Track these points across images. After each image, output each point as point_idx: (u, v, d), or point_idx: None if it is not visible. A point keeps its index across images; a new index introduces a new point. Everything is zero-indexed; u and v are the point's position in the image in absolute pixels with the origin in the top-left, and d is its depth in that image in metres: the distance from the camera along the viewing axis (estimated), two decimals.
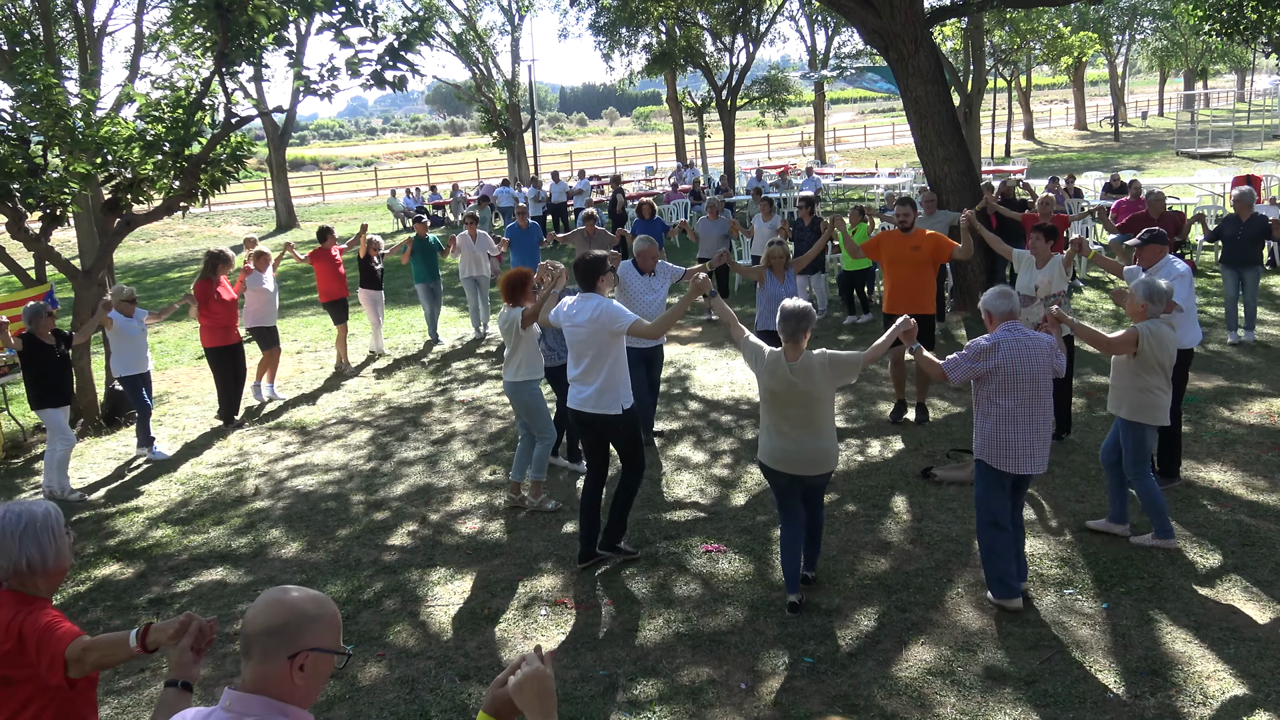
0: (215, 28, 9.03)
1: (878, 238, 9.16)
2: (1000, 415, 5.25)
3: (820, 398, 5.20)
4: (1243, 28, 15.35)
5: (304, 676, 2.00)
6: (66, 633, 2.83)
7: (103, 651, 2.80)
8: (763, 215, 13.24)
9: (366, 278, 12.27)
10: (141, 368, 8.98)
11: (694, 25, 31.35)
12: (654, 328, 5.91)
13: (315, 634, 2.01)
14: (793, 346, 5.22)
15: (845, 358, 5.22)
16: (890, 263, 8.69)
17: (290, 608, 2.01)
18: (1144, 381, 5.86)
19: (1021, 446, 5.25)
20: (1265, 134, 38.11)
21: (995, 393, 5.26)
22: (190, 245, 29.86)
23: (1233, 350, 10.30)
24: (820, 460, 5.30)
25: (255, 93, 28.40)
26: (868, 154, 44.88)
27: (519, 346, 6.98)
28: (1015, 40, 32.25)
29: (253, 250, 10.78)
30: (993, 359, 5.23)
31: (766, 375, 5.28)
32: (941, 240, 8.57)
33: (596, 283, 6.04)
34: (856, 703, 4.61)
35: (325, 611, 2.05)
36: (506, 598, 5.89)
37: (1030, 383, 5.22)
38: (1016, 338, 5.25)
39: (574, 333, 6.02)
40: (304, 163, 57.36)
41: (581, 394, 6.03)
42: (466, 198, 29.59)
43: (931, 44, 12.25)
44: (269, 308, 10.57)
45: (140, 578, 6.52)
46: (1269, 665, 4.71)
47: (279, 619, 1.99)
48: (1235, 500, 6.65)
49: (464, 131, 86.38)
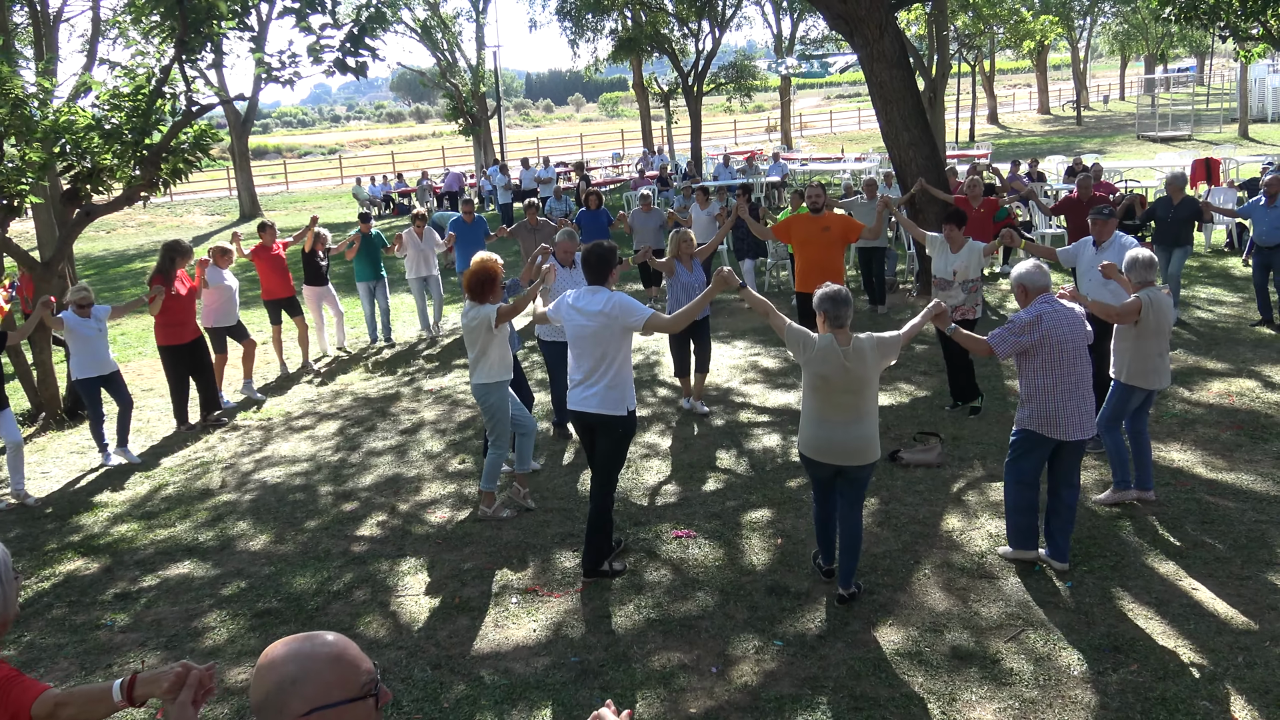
0: (174, 14, 8.90)
1: (788, 220, 9.57)
2: (1049, 386, 5.43)
3: (870, 381, 5.17)
4: (1201, 12, 15.51)
5: None
6: (30, 686, 2.50)
7: (79, 706, 2.48)
8: (699, 204, 13.24)
9: (311, 274, 11.61)
10: (99, 370, 8.46)
11: (660, 11, 31.27)
12: (673, 321, 5.58)
13: (303, 697, 1.67)
14: (841, 332, 5.14)
15: (890, 339, 5.21)
16: (801, 244, 9.03)
17: (270, 675, 1.69)
18: (1145, 347, 6.14)
19: (1071, 414, 5.44)
20: (1224, 117, 38.64)
21: (1043, 364, 5.43)
22: (152, 235, 29.45)
23: (1192, 331, 10.46)
24: (864, 449, 5.20)
25: (216, 80, 28.08)
26: (834, 139, 45.05)
27: (489, 346, 6.51)
28: (979, 25, 32.46)
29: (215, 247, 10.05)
30: (1037, 331, 5.40)
31: (818, 362, 5.13)
32: (849, 221, 8.96)
33: (608, 275, 5.68)
34: (826, 684, 4.65)
35: (310, 666, 1.69)
36: (477, 586, 5.89)
37: (1074, 352, 5.42)
38: (1056, 309, 5.45)
39: (581, 328, 5.61)
40: (267, 151, 56.72)
41: (585, 394, 5.64)
42: (433, 186, 29.38)
43: (896, 29, 12.29)
44: (228, 306, 10.03)
45: (105, 573, 6.45)
46: (1227, 640, 4.81)
47: (261, 692, 1.69)
48: (1195, 479, 6.77)
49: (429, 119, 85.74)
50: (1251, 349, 9.67)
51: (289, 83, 9.30)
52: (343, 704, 1.69)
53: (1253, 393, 8.40)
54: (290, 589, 6.02)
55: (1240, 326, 10.53)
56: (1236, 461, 7.00)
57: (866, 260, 12.48)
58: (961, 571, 5.69)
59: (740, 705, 4.55)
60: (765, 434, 8.25)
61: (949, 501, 6.67)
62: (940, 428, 8.02)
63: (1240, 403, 8.18)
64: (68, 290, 8.67)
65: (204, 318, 10.00)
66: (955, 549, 5.97)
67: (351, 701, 1.70)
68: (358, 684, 1.71)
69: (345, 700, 1.69)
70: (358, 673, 1.72)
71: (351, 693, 1.70)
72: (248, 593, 6.01)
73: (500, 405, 6.65)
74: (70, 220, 9.78)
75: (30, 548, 6.94)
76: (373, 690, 1.74)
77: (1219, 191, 15.99)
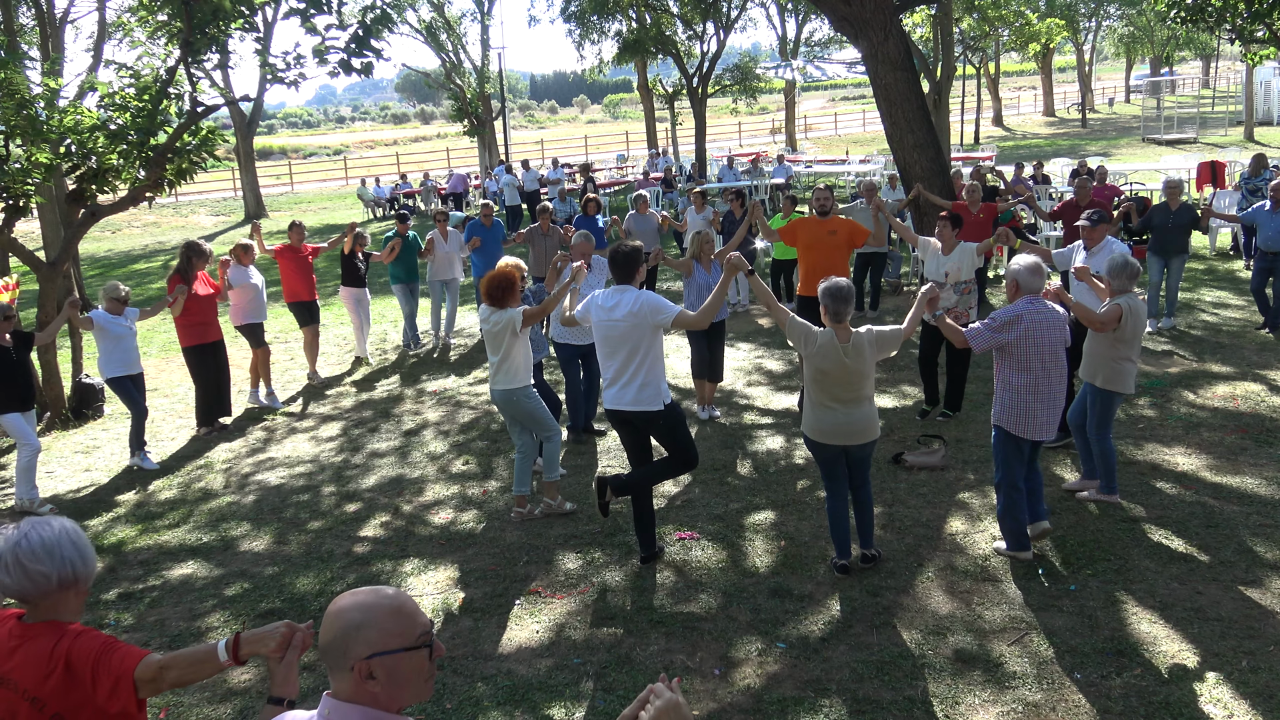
0: (179, 15, 8.92)
1: (794, 223, 9.45)
2: (1024, 385, 5.51)
3: (867, 373, 5.41)
4: (1207, 14, 15.49)
5: (379, 683, 1.83)
6: (130, 652, 2.54)
7: (183, 669, 2.53)
8: (695, 208, 13.21)
9: (349, 275, 11.40)
10: (128, 369, 8.45)
11: (665, 12, 31.29)
12: (699, 317, 5.61)
13: (366, 641, 1.82)
14: (841, 328, 5.36)
15: (889, 333, 5.44)
16: (806, 247, 8.93)
17: (336, 621, 1.84)
18: (1118, 352, 6.18)
19: (1040, 415, 5.53)
20: (1229, 120, 38.57)
21: (1018, 363, 5.51)
22: (157, 236, 29.52)
23: (1196, 334, 10.44)
24: (866, 429, 5.48)
25: (222, 81, 28.14)
26: (839, 141, 45.04)
27: (512, 350, 6.44)
28: (984, 27, 32.46)
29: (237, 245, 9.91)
30: (1015, 330, 5.47)
31: (818, 357, 5.37)
32: (855, 226, 8.86)
33: (634, 274, 5.73)
34: (829, 687, 4.65)
35: (372, 615, 1.84)
36: (480, 588, 5.89)
37: (1051, 354, 5.49)
38: (1039, 309, 5.50)
39: (610, 327, 5.66)
40: (272, 152, 56.77)
41: (619, 393, 5.71)
42: (437, 187, 29.40)
43: (901, 31, 12.29)
44: (256, 303, 9.93)
45: (109, 573, 6.46)
46: (1231, 644, 4.80)
47: (328, 635, 1.84)
48: (1199, 483, 6.76)
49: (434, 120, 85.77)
50: (1256, 352, 9.65)
51: (294, 83, 9.34)
52: (400, 651, 1.84)
53: (1257, 396, 8.38)
54: (293, 590, 6.02)
55: (1245, 330, 10.51)
56: (1241, 465, 6.99)
57: (864, 265, 12.44)
58: (964, 574, 5.68)
59: (743, 707, 4.54)
60: (769, 436, 8.24)
61: (952, 504, 6.66)
62: (943, 430, 8.01)
63: (1245, 406, 8.16)
64: (72, 290, 8.68)
65: (233, 316, 9.96)
66: (958, 552, 5.96)
67: (408, 650, 1.85)
68: (414, 635, 1.87)
69: (402, 649, 1.84)
70: (415, 625, 1.87)
71: (408, 642, 1.85)
72: (251, 593, 6.02)
73: (530, 406, 6.61)
74: (76, 221, 9.80)
75: None
76: (428, 642, 1.89)
77: (1224, 194, 15.95)
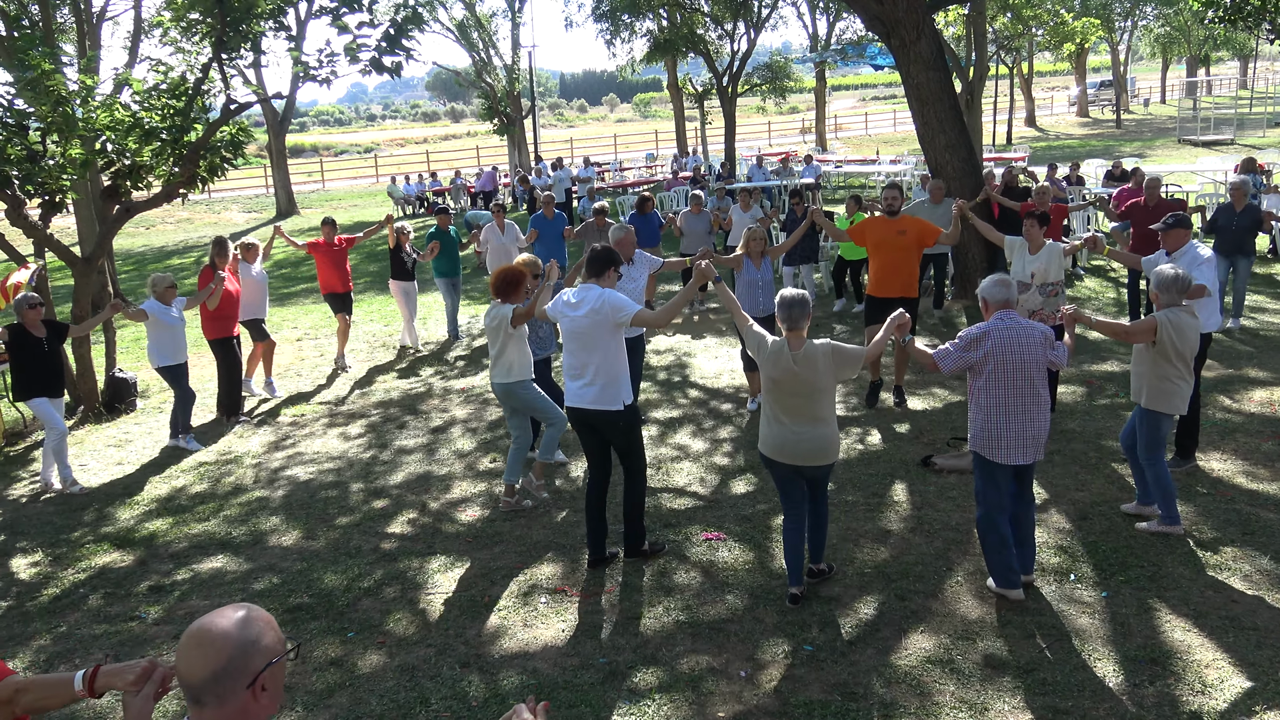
0: (213, 13, 8.99)
1: (863, 223, 9.25)
2: (991, 406, 5.20)
3: (822, 388, 5.16)
4: (1246, 14, 15.24)
5: (267, 694, 1.91)
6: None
7: (39, 694, 2.52)
8: (741, 206, 13.13)
9: (397, 269, 11.75)
10: (177, 358, 8.76)
11: (695, 11, 31.22)
12: (659, 316, 5.71)
13: (259, 652, 1.89)
14: (795, 335, 5.20)
15: (849, 351, 5.16)
16: (876, 247, 8.73)
17: (225, 643, 1.86)
18: (1162, 370, 5.86)
19: (1013, 437, 5.19)
20: (1268, 121, 37.98)
21: (987, 383, 5.21)
22: (190, 232, 29.82)
23: (1233, 338, 10.28)
24: (819, 451, 5.23)
25: (254, 78, 28.38)
26: (869, 141, 44.76)
27: (508, 346, 6.66)
28: (1018, 26, 32.13)
29: (239, 244, 10.32)
30: (982, 348, 5.18)
31: (769, 364, 5.23)
32: (926, 225, 8.66)
33: (605, 273, 5.85)
34: (856, 690, 4.61)
35: (257, 626, 1.90)
36: (506, 585, 5.89)
37: (1021, 372, 5.15)
38: (1008, 326, 5.19)
39: (573, 324, 5.79)
40: (304, 149, 57.20)
41: (580, 390, 5.80)
42: (467, 185, 29.50)
43: (933, 30, 12.18)
44: (258, 299, 10.24)
45: (140, 565, 6.52)
46: (1267, 654, 4.71)
47: (222, 660, 1.85)
48: (1236, 489, 6.65)
49: (464, 118, 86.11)
50: None
51: (326, 81, 9.39)
52: (280, 659, 1.95)
53: None
54: (321, 585, 6.05)
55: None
56: (1278, 472, 6.87)
57: (925, 265, 12.27)
58: None
59: (769, 710, 4.51)
60: None
61: None
62: None
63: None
64: (107, 285, 8.81)
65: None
66: None
67: (282, 658, 1.96)
68: (283, 643, 1.97)
69: (284, 655, 1.96)
70: (280, 635, 1.98)
71: (281, 651, 1.96)
72: (280, 588, 6.05)
73: (528, 396, 6.80)
74: (110, 216, 9.92)
75: (67, 539, 7.03)
76: (295, 646, 2.02)
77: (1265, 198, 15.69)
